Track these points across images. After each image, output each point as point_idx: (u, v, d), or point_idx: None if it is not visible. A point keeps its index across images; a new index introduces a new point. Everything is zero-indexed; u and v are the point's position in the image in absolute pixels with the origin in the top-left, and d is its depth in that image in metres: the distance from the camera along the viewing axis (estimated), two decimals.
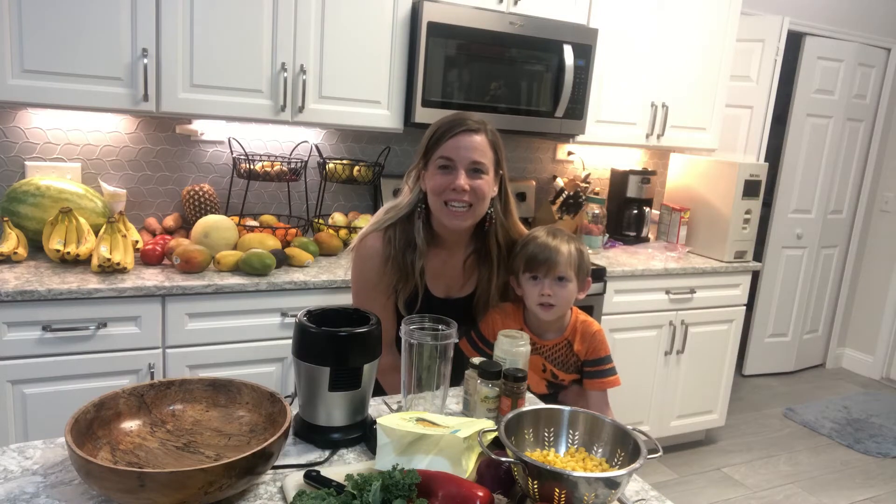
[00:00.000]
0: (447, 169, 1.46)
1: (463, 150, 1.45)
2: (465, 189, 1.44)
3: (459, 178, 1.44)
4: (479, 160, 1.46)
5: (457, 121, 1.48)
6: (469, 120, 1.48)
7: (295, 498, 0.92)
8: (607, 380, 1.59)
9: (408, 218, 1.53)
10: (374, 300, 1.55)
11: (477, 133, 1.47)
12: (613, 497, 0.97)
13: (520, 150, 3.27)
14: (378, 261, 1.53)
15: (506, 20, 2.61)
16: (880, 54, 4.33)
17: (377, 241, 1.54)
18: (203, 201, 2.50)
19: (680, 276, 2.99)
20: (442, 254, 1.59)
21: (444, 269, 1.59)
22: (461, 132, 1.46)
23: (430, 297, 1.57)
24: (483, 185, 1.47)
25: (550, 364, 1.60)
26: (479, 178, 1.46)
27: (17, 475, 1.01)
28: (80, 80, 2.10)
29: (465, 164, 1.45)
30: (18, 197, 2.17)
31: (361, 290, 1.58)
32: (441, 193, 1.46)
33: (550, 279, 1.53)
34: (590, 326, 1.60)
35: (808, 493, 3.05)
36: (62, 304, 1.92)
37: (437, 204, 1.48)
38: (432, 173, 1.48)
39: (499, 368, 1.28)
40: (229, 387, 1.17)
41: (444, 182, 1.45)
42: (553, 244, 1.54)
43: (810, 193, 4.26)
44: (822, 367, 4.75)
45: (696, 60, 3.19)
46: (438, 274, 1.58)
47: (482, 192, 1.47)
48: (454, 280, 1.60)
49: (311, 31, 2.36)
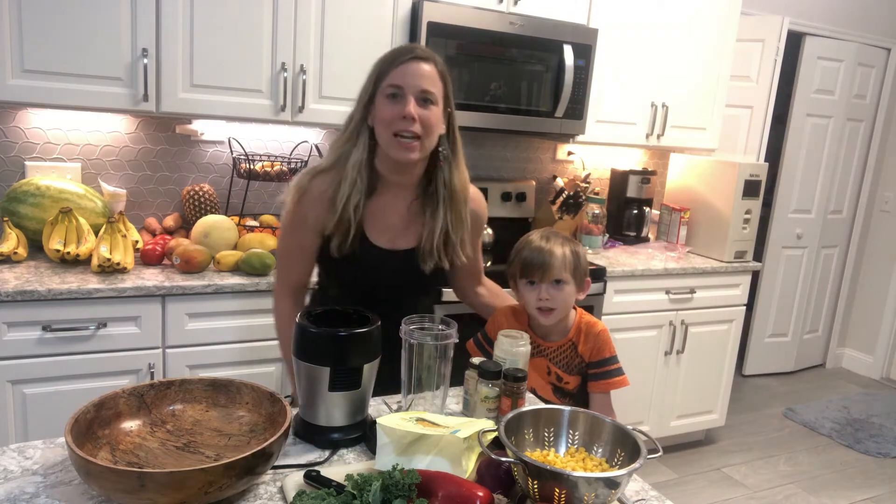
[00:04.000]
0: (395, 98, 1.39)
1: (411, 76, 1.39)
2: (415, 118, 1.37)
3: (409, 104, 1.37)
4: (428, 88, 1.39)
5: (405, 48, 1.43)
6: (418, 48, 1.43)
7: (295, 498, 0.92)
8: (613, 381, 1.56)
9: (351, 158, 1.44)
10: (301, 239, 1.49)
11: (426, 62, 1.41)
12: (613, 497, 0.97)
13: (520, 150, 3.27)
14: (318, 201, 1.45)
15: (506, 20, 2.61)
16: (880, 54, 4.33)
17: (321, 181, 1.46)
18: (203, 201, 2.50)
19: (680, 276, 2.99)
20: (386, 199, 1.50)
21: (387, 215, 1.50)
22: (410, 59, 1.40)
23: (369, 245, 1.47)
24: (432, 117, 1.40)
25: (555, 366, 1.58)
26: (427, 109, 1.39)
27: (17, 475, 1.01)
28: (79, 80, 2.10)
29: (415, 91, 1.38)
30: (18, 197, 2.17)
31: (292, 228, 1.49)
32: (390, 124, 1.38)
33: (547, 283, 1.52)
34: (594, 326, 1.58)
35: (808, 493, 3.05)
36: (62, 304, 1.92)
37: (386, 136, 1.40)
38: (381, 104, 1.40)
39: (499, 368, 1.28)
40: (229, 387, 1.17)
41: (393, 112, 1.38)
42: (547, 248, 1.53)
43: (810, 193, 4.26)
44: (822, 367, 4.75)
45: (696, 60, 3.19)
46: (380, 221, 1.49)
47: (430, 122, 1.40)
48: (398, 229, 1.51)
49: (311, 31, 2.36)
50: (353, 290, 1.50)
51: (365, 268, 1.48)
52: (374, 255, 1.47)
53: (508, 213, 3.14)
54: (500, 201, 3.11)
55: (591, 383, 1.57)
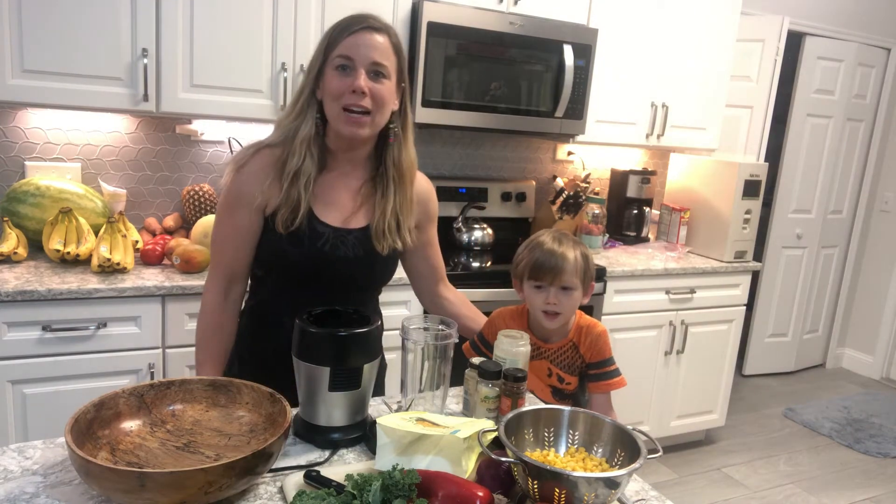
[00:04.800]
0: (345, 70, 1.30)
1: (363, 48, 1.30)
2: (365, 92, 1.29)
3: (359, 78, 1.29)
4: (380, 61, 1.31)
5: (357, 17, 1.34)
6: (371, 17, 1.34)
7: (295, 498, 0.92)
8: (613, 381, 1.55)
9: (300, 134, 1.35)
10: (238, 218, 1.37)
11: (379, 33, 1.32)
12: (613, 497, 0.97)
13: (520, 150, 3.27)
14: (258, 175, 1.35)
15: (506, 20, 2.61)
16: (880, 54, 4.33)
17: (264, 156, 1.37)
18: (203, 201, 2.50)
19: (680, 276, 2.99)
20: (334, 177, 1.42)
21: (337, 192, 1.42)
22: (361, 29, 1.31)
23: (316, 222, 1.38)
24: (384, 91, 1.32)
25: (556, 367, 1.57)
26: (379, 83, 1.31)
27: (17, 475, 1.01)
28: (80, 80, 2.10)
29: (366, 63, 1.30)
30: (18, 197, 2.18)
31: (227, 207, 1.38)
32: (339, 98, 1.30)
33: (556, 288, 1.49)
34: (594, 328, 1.57)
35: (808, 493, 3.05)
36: (62, 304, 1.92)
37: (335, 110, 1.32)
38: (330, 76, 1.32)
39: (499, 368, 1.28)
40: (229, 387, 1.17)
41: (342, 85, 1.30)
42: (560, 251, 1.49)
43: (810, 193, 4.26)
44: (822, 367, 4.75)
45: (696, 60, 3.19)
46: (330, 198, 1.41)
47: (382, 97, 1.32)
48: (348, 208, 1.42)
49: (312, 31, 2.36)
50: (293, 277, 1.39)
51: (312, 247, 1.36)
52: (323, 233, 1.37)
53: (508, 213, 3.14)
54: (500, 201, 3.11)
55: (593, 384, 1.56)
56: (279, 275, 1.41)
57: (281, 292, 1.42)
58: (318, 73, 1.35)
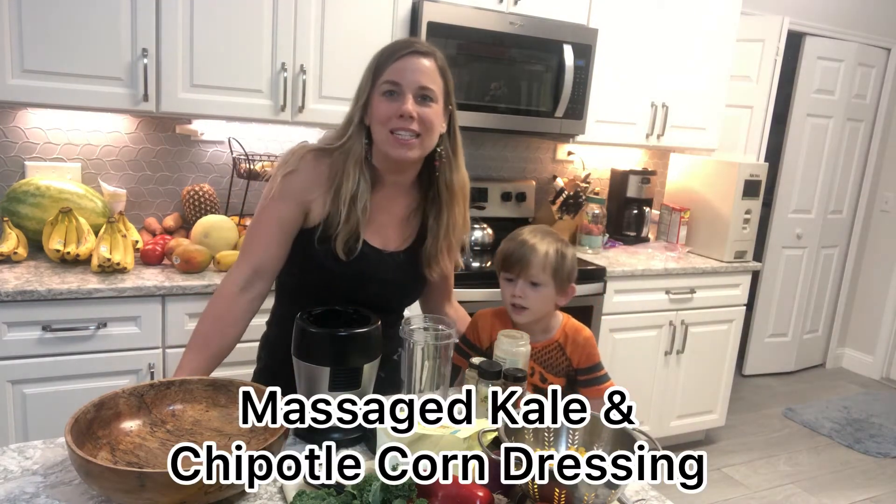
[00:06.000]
0: (393, 95, 1.31)
1: (410, 72, 1.30)
2: (413, 116, 1.29)
3: (406, 102, 1.29)
4: (427, 85, 1.31)
5: (403, 42, 1.35)
6: (417, 42, 1.35)
7: (295, 498, 0.92)
8: (604, 385, 1.54)
9: (351, 156, 1.35)
10: (283, 209, 1.35)
11: (425, 57, 1.33)
12: (613, 497, 0.97)
13: (520, 150, 3.26)
14: (315, 175, 1.35)
15: (506, 20, 2.60)
16: (880, 54, 4.33)
17: (323, 158, 1.36)
18: (203, 201, 2.50)
19: (680, 276, 2.99)
20: (380, 198, 1.41)
21: (380, 214, 1.42)
22: (408, 54, 1.31)
23: (363, 244, 1.38)
24: (432, 115, 1.32)
25: (540, 367, 1.56)
26: (427, 107, 1.31)
27: (17, 475, 1.01)
28: (80, 80, 2.09)
29: (413, 88, 1.30)
30: (18, 197, 2.17)
31: (277, 195, 1.35)
32: (387, 122, 1.30)
33: (524, 281, 1.46)
34: (581, 332, 1.55)
35: (808, 493, 3.05)
36: (62, 304, 1.92)
37: (383, 134, 1.32)
38: (377, 102, 1.32)
39: (499, 368, 1.28)
40: (229, 387, 1.17)
41: (390, 110, 1.30)
42: (531, 243, 1.46)
43: (810, 193, 4.26)
44: (822, 367, 4.75)
45: (696, 60, 3.19)
46: (374, 220, 1.40)
47: (430, 121, 1.32)
48: (391, 231, 1.44)
49: (311, 31, 2.36)
50: (324, 289, 1.38)
51: (352, 265, 1.36)
52: (367, 254, 1.38)
53: (508, 213, 3.14)
54: (500, 201, 3.11)
55: (585, 390, 1.55)
56: (309, 287, 1.40)
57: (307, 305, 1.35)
58: (367, 100, 1.34)
